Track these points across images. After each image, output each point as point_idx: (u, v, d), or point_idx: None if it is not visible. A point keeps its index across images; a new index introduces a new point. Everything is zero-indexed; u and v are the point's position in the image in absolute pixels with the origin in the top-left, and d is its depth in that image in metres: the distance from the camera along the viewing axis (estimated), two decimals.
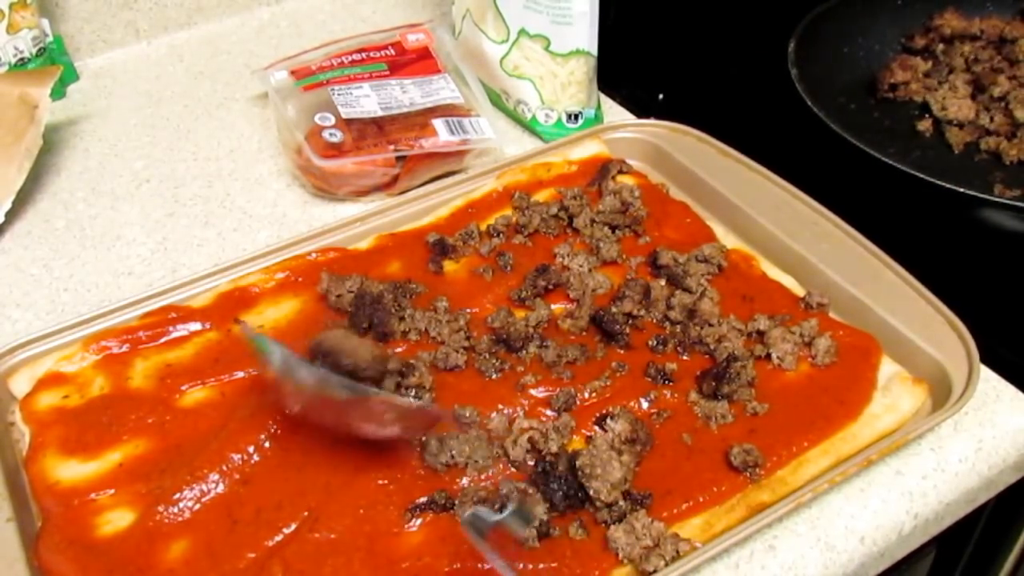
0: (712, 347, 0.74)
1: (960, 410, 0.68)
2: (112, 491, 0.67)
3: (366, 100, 0.98)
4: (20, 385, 0.74)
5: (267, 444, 0.69)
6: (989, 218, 0.92)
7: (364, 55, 1.04)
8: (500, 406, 0.71)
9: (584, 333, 0.77)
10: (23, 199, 0.96)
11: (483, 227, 0.87)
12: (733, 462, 0.66)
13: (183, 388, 0.73)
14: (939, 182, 0.88)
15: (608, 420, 0.68)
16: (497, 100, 1.05)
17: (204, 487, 0.66)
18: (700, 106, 1.06)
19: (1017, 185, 0.99)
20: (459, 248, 0.85)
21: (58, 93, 1.12)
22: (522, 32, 0.97)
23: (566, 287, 0.80)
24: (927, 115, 1.08)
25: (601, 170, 0.92)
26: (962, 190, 0.89)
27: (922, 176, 0.89)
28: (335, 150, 0.93)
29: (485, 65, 1.03)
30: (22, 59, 1.07)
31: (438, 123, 0.97)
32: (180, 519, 0.65)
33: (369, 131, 0.95)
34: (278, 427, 0.69)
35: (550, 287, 0.80)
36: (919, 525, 0.69)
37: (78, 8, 1.15)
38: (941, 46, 1.16)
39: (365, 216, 0.88)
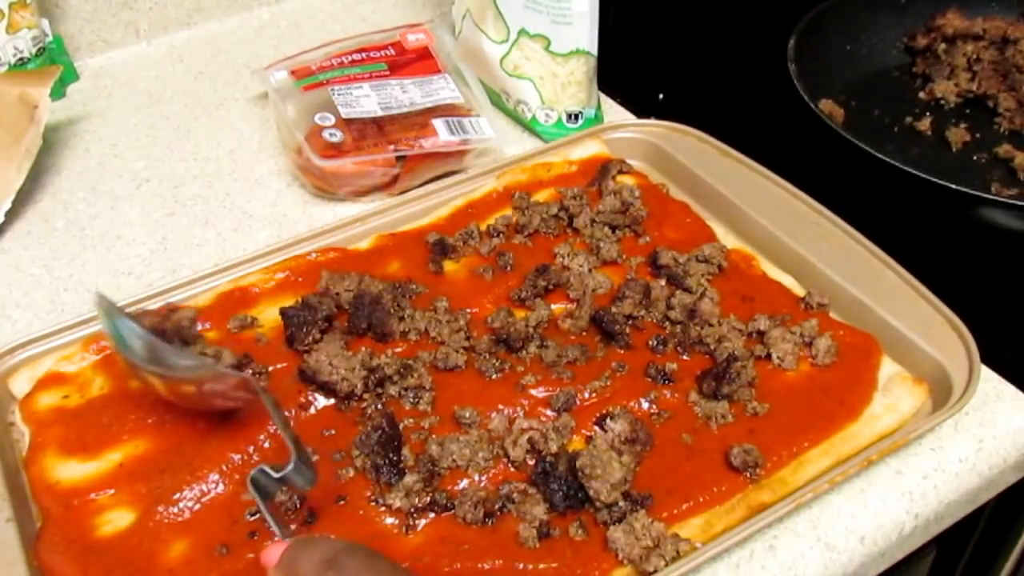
0: (712, 347, 0.74)
1: (960, 410, 0.68)
2: (112, 491, 0.67)
3: (366, 100, 0.98)
4: (20, 385, 0.74)
5: (267, 444, 0.69)
6: (989, 217, 0.92)
7: (364, 55, 1.04)
8: (500, 406, 0.71)
9: (584, 333, 0.77)
10: (23, 199, 0.96)
11: (483, 227, 0.87)
12: (733, 462, 0.66)
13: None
14: (939, 181, 0.88)
15: (608, 420, 0.68)
16: (497, 100, 1.05)
17: (204, 487, 0.66)
18: (700, 106, 1.05)
19: (1016, 184, 0.99)
20: (459, 248, 0.85)
21: (58, 93, 1.12)
22: (522, 32, 0.97)
23: (566, 287, 0.80)
24: (927, 114, 1.08)
25: (601, 170, 0.92)
26: (963, 189, 0.89)
27: (922, 175, 0.89)
28: (335, 150, 0.93)
29: (485, 65, 1.03)
30: (22, 59, 1.07)
31: (438, 123, 0.97)
32: (180, 519, 0.65)
33: (369, 131, 0.95)
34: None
35: (550, 287, 0.80)
36: (919, 525, 0.68)
37: (78, 8, 1.15)
38: (943, 45, 1.16)
39: (365, 216, 0.88)
